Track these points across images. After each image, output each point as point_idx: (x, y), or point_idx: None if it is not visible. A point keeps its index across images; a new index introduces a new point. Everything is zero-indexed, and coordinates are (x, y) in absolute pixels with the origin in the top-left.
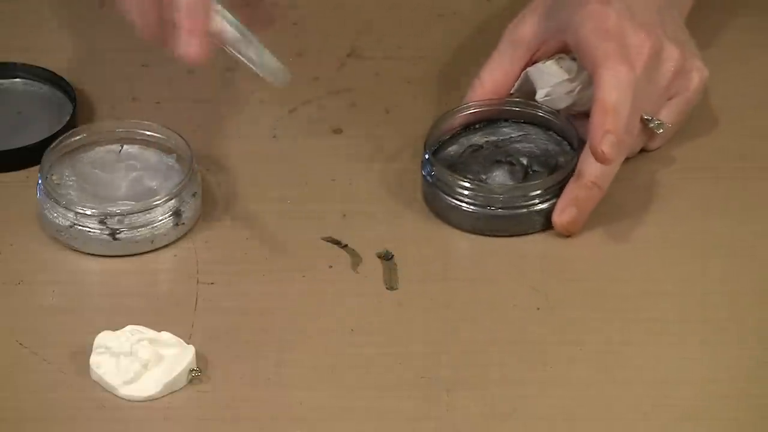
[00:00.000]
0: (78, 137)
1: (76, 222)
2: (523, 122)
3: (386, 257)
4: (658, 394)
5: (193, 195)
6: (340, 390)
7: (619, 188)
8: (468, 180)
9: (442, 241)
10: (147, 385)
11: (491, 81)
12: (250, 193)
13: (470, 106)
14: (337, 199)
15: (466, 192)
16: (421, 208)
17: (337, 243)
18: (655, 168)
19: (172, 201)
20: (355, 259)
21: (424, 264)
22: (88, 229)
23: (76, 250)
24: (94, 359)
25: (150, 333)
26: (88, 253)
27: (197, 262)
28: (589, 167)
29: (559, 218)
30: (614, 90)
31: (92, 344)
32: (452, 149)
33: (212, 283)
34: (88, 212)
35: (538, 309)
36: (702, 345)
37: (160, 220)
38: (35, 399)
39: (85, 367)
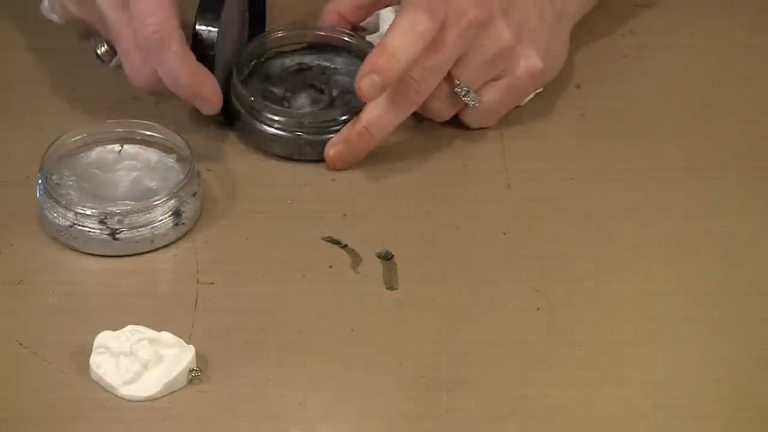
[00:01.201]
0: (78, 137)
1: (76, 222)
2: (357, 57)
3: (386, 257)
4: (658, 394)
5: (193, 195)
6: (340, 390)
7: (619, 187)
8: (249, 98)
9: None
10: (147, 385)
11: (339, 12)
12: (250, 192)
13: (279, 30)
14: (337, 199)
15: (254, 107)
16: (415, 209)
17: (337, 243)
18: (655, 168)
19: (172, 201)
20: (355, 259)
21: (424, 264)
22: (88, 229)
23: (76, 250)
24: (94, 359)
25: (150, 333)
26: (88, 253)
27: (197, 262)
28: (367, 112)
29: (327, 150)
30: (402, 35)
31: (92, 344)
32: (283, 62)
33: (212, 283)
34: (88, 212)
35: (538, 309)
36: (702, 345)
37: (160, 220)
38: (35, 399)
39: (85, 367)
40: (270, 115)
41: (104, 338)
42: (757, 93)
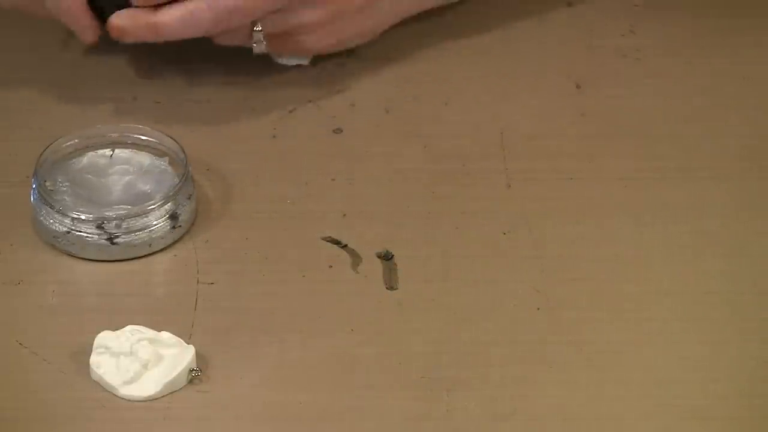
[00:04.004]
0: (70, 142)
1: (73, 228)
2: None
3: (386, 257)
4: (658, 394)
5: (189, 197)
6: (340, 390)
7: (619, 187)
8: None
9: None
10: (147, 385)
11: None
12: (250, 193)
13: None
14: (337, 199)
15: None
16: (420, 207)
17: (337, 243)
18: (655, 168)
19: (168, 204)
20: (355, 259)
21: (424, 264)
22: (85, 235)
23: (73, 256)
24: (94, 359)
25: (150, 333)
26: (87, 259)
27: (197, 262)
28: (161, 14)
29: (112, 19)
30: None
31: (92, 344)
32: None
33: (212, 283)
34: (83, 217)
35: (538, 309)
36: (702, 345)
37: (156, 224)
38: (35, 399)
39: (85, 367)
40: None
41: (104, 338)
42: (757, 93)
